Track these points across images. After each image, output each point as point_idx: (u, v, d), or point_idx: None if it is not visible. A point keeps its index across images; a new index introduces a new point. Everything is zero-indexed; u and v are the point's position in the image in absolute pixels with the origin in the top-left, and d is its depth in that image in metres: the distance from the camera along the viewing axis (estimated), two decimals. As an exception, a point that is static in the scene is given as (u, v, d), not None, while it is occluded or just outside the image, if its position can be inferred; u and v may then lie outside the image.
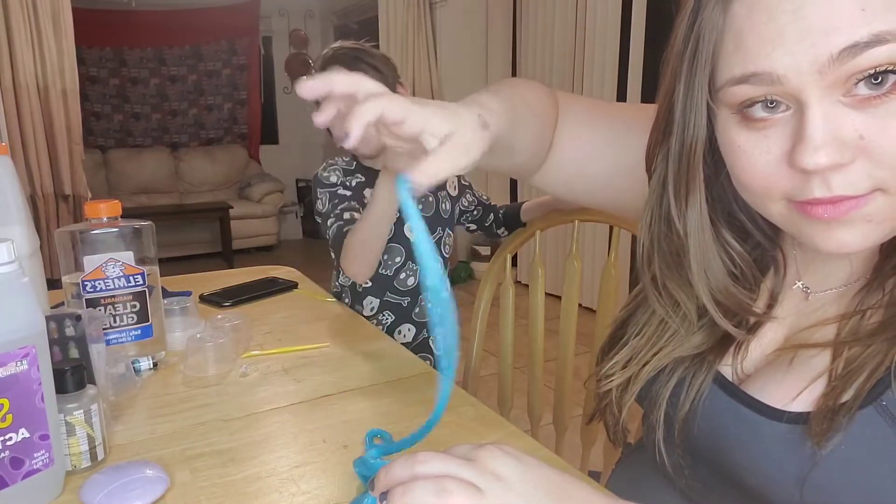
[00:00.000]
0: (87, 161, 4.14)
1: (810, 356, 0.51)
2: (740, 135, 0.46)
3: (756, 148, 0.45)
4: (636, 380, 0.59)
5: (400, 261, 1.35)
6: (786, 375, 0.51)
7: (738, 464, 0.52)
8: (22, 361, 0.53)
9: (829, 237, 0.45)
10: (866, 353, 0.47)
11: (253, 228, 5.49)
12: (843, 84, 0.40)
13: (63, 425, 0.60)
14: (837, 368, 0.48)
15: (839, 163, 0.41)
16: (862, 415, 0.46)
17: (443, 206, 1.41)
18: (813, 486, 0.47)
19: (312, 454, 0.66)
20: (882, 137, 0.40)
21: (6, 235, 0.56)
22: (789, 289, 0.57)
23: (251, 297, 1.27)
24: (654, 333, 0.59)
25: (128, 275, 0.88)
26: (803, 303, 0.56)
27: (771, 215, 0.48)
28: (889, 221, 0.44)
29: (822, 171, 0.42)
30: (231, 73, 6.11)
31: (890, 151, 0.40)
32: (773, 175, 0.45)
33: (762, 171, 0.45)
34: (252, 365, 0.91)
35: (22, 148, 3.44)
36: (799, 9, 0.40)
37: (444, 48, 4.25)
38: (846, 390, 0.46)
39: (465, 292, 3.82)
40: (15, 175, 0.88)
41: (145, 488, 0.57)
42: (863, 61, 0.39)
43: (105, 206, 0.87)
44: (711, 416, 0.55)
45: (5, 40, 3.29)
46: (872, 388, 0.46)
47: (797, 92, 0.41)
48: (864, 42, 0.38)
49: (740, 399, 0.53)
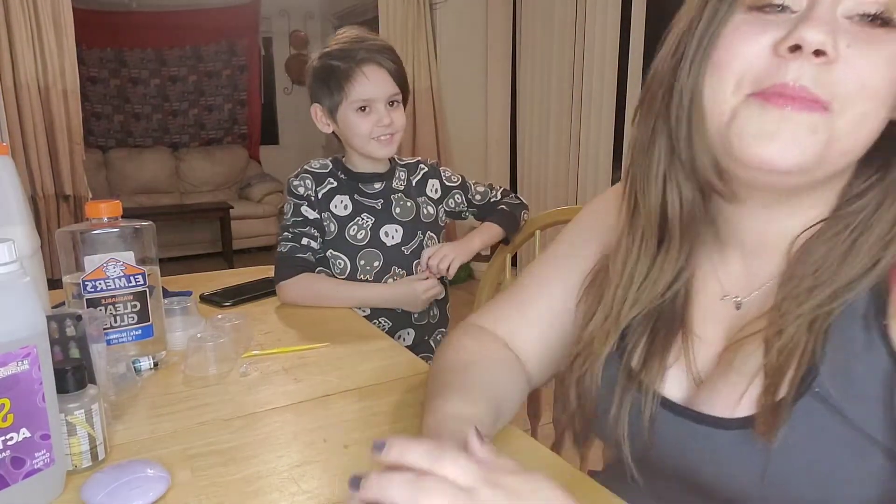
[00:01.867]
0: (88, 161, 4.14)
1: (747, 356, 0.53)
2: (744, 21, 0.50)
3: (752, 30, 0.49)
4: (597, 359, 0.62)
5: (379, 265, 1.32)
6: (727, 382, 0.54)
7: (705, 477, 0.54)
8: (23, 361, 0.54)
9: (771, 138, 0.48)
10: (792, 342, 0.49)
11: (253, 228, 5.49)
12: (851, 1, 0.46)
13: (64, 425, 0.60)
14: (772, 362, 0.50)
15: (827, 50, 0.46)
16: (801, 405, 0.48)
17: (424, 211, 1.37)
18: (773, 482, 0.49)
19: (313, 454, 0.66)
20: (862, 56, 0.46)
21: (7, 235, 0.56)
22: (719, 303, 0.59)
23: (251, 297, 1.27)
24: (625, 284, 0.62)
25: (128, 275, 0.89)
26: (735, 313, 0.58)
27: (722, 110, 0.50)
28: (827, 145, 0.48)
29: (803, 58, 0.46)
30: (231, 73, 6.11)
31: (862, 69, 0.46)
32: (755, 58, 0.49)
33: (748, 52, 0.49)
34: (252, 365, 0.92)
35: (23, 148, 3.44)
36: None
37: (444, 48, 4.25)
38: (782, 384, 0.49)
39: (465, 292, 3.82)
40: (16, 175, 0.88)
41: (146, 487, 0.58)
42: None
43: (105, 206, 0.87)
44: (668, 439, 0.57)
45: (6, 41, 3.29)
46: (804, 377, 0.48)
47: None
48: None
49: (690, 417, 0.55)
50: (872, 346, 0.47)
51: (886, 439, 0.46)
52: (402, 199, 1.36)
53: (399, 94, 1.30)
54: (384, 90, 1.27)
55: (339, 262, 1.30)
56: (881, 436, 0.46)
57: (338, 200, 1.32)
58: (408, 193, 1.37)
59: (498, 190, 1.46)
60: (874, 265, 0.48)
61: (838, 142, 0.48)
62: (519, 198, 1.45)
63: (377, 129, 1.26)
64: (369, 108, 1.26)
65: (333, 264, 1.31)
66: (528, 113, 3.99)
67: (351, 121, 1.27)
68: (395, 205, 1.35)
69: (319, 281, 1.27)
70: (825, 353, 0.49)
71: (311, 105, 1.34)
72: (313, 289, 1.24)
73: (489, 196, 1.45)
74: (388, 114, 1.27)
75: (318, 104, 1.32)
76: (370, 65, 1.25)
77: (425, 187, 1.39)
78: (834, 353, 0.48)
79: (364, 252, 1.31)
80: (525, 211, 1.43)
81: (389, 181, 1.36)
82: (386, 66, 1.27)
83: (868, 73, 0.46)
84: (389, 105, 1.28)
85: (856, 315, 0.49)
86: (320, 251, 1.30)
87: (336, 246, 1.30)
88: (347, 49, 1.27)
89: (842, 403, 0.47)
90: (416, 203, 1.37)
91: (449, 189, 1.42)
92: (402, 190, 1.37)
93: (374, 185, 1.34)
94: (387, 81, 1.27)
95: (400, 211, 1.35)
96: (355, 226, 1.31)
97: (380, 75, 1.26)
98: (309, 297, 1.23)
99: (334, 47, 1.28)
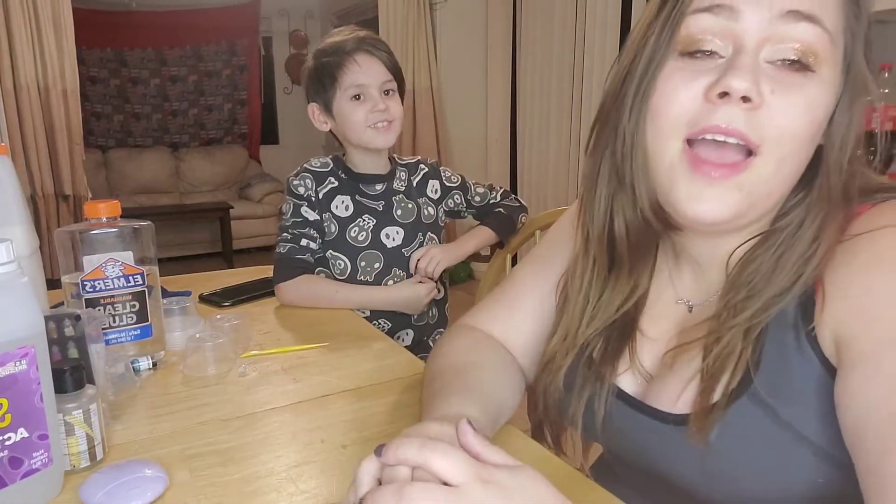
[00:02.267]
0: (88, 161, 4.14)
1: (688, 359, 0.57)
2: (676, 67, 0.53)
3: (684, 78, 0.53)
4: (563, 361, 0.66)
5: (379, 266, 1.32)
6: (670, 380, 0.58)
7: (660, 469, 0.59)
8: (21, 361, 0.54)
9: (700, 200, 0.52)
10: (728, 348, 0.53)
11: (253, 228, 5.49)
12: (774, 45, 0.50)
13: (62, 425, 0.60)
14: (708, 366, 0.54)
15: (753, 97, 0.49)
16: (736, 406, 0.52)
17: (424, 212, 1.37)
18: (713, 476, 0.54)
19: (311, 454, 0.66)
20: (784, 101, 0.50)
21: (6, 235, 0.56)
22: (673, 306, 0.64)
23: (251, 297, 1.27)
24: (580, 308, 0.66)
25: (127, 275, 0.88)
26: (687, 315, 0.63)
27: (663, 159, 0.54)
28: (753, 196, 0.52)
29: (731, 103, 0.50)
30: (231, 73, 6.11)
31: (784, 113, 0.50)
32: (688, 103, 0.52)
33: (681, 98, 0.52)
34: (251, 365, 0.92)
35: (22, 148, 3.44)
36: None
37: (444, 48, 4.25)
38: (716, 388, 0.53)
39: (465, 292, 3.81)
40: (15, 175, 0.88)
41: (144, 488, 0.57)
42: (798, 30, 0.49)
43: (104, 206, 0.87)
44: (624, 430, 0.62)
45: (6, 41, 3.29)
46: (741, 381, 0.52)
47: (744, 32, 0.51)
48: (804, 13, 0.49)
49: (639, 408, 0.60)
50: (804, 351, 0.51)
51: (818, 437, 0.50)
52: (404, 201, 1.36)
53: (393, 81, 1.29)
54: (376, 77, 1.26)
55: (340, 263, 1.30)
56: (812, 434, 0.50)
57: (339, 201, 1.31)
58: (408, 194, 1.37)
59: (498, 192, 1.46)
60: (797, 279, 0.52)
61: (764, 185, 0.52)
62: (518, 200, 1.45)
63: (372, 115, 1.25)
64: (363, 95, 1.26)
65: (333, 265, 1.31)
66: (528, 113, 3.99)
67: (346, 111, 1.27)
68: (397, 206, 1.34)
69: (318, 283, 1.27)
70: (761, 359, 0.52)
71: (307, 105, 1.34)
72: (312, 290, 1.24)
73: (488, 197, 1.45)
74: (382, 100, 1.26)
75: (314, 103, 1.32)
76: (360, 53, 1.26)
77: (426, 188, 1.39)
78: (769, 359, 0.52)
79: (365, 253, 1.31)
80: (523, 214, 1.43)
81: (390, 182, 1.35)
82: (377, 55, 1.27)
83: (791, 118, 0.50)
84: (385, 94, 1.28)
85: (787, 324, 0.52)
86: (319, 251, 1.30)
87: (336, 247, 1.30)
88: (338, 43, 1.27)
89: (776, 404, 0.51)
90: (417, 204, 1.37)
91: (449, 189, 1.42)
92: (402, 191, 1.36)
93: (375, 187, 1.34)
94: (379, 68, 1.27)
95: (401, 213, 1.34)
96: (356, 227, 1.31)
97: (371, 62, 1.26)
98: (308, 298, 1.23)
99: (325, 45, 1.29)
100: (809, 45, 0.49)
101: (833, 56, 0.51)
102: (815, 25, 0.49)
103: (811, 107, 0.50)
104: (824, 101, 0.51)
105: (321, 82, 1.28)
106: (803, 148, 0.51)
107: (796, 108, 0.50)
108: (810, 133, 0.51)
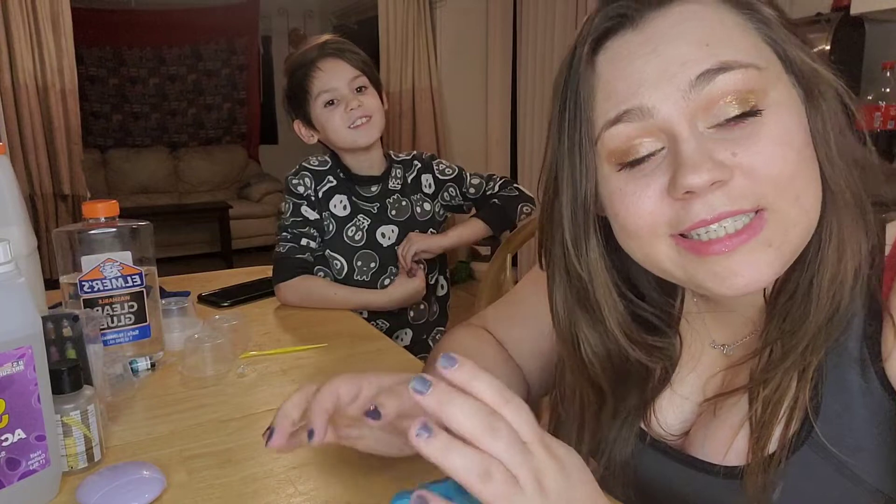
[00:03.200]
0: (87, 161, 4.13)
1: (731, 404, 0.52)
2: (622, 182, 0.48)
3: (637, 187, 0.47)
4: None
5: (375, 266, 1.32)
6: (715, 428, 0.53)
7: None
8: (18, 362, 0.53)
9: (730, 273, 0.45)
10: (778, 392, 0.47)
11: (252, 228, 5.49)
12: (707, 112, 0.44)
13: (60, 426, 0.60)
14: (757, 413, 0.48)
15: (719, 179, 0.43)
16: (796, 458, 0.46)
17: (418, 209, 1.37)
18: None
19: (309, 455, 0.66)
20: (753, 153, 0.44)
21: (3, 236, 0.56)
22: (707, 348, 0.58)
23: (250, 298, 1.27)
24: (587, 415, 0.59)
25: (125, 275, 0.88)
26: (721, 357, 0.57)
27: (661, 262, 0.48)
28: (787, 245, 0.45)
29: (703, 193, 0.44)
30: (230, 72, 6.11)
31: (762, 163, 0.44)
32: (655, 209, 0.46)
33: (645, 207, 0.47)
34: (250, 365, 0.91)
35: (21, 148, 3.43)
36: (654, 49, 0.45)
37: (444, 48, 4.25)
38: (771, 437, 0.47)
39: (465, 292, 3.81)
40: (13, 175, 0.88)
41: (142, 489, 0.57)
42: (718, 85, 0.44)
43: (103, 206, 0.87)
44: (659, 480, 0.56)
45: (4, 40, 3.28)
46: (799, 429, 0.47)
47: (667, 122, 0.45)
48: (714, 69, 0.44)
49: (679, 459, 0.54)
50: (872, 391, 0.45)
51: (886, 487, 0.45)
52: (398, 200, 1.35)
53: (362, 77, 1.28)
54: (343, 76, 1.26)
55: (336, 263, 1.30)
56: (885, 486, 0.45)
57: (337, 200, 1.31)
58: (403, 192, 1.37)
59: (497, 182, 1.41)
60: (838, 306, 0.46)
61: (793, 228, 0.45)
62: (519, 188, 1.39)
63: (347, 115, 1.25)
64: (335, 99, 1.26)
65: (331, 265, 1.31)
66: (529, 112, 3.98)
67: (322, 118, 1.27)
68: (391, 207, 1.34)
69: (318, 283, 1.26)
70: (820, 402, 0.47)
71: (292, 123, 1.35)
72: (312, 291, 1.24)
73: (484, 188, 1.40)
74: (355, 98, 1.26)
75: (297, 119, 1.33)
76: (323, 59, 1.26)
77: (420, 184, 1.39)
78: (829, 401, 0.47)
79: (361, 253, 1.31)
80: (525, 204, 1.37)
81: (385, 182, 1.35)
82: (340, 56, 1.27)
83: (770, 163, 0.44)
84: (357, 91, 1.27)
85: (850, 359, 0.47)
86: (320, 250, 1.30)
87: (334, 247, 1.30)
88: (301, 54, 1.29)
89: (841, 453, 0.45)
90: (411, 201, 1.37)
91: (443, 183, 1.40)
92: (398, 190, 1.36)
93: (370, 188, 1.34)
94: (344, 68, 1.27)
95: (395, 212, 1.34)
96: (353, 226, 1.31)
97: (335, 64, 1.26)
98: (307, 299, 1.23)
99: (292, 60, 1.30)
100: (739, 91, 0.44)
101: (772, 76, 0.45)
102: (732, 70, 0.44)
103: (783, 139, 0.44)
104: (792, 122, 0.45)
105: (296, 97, 1.30)
106: (804, 172, 0.45)
107: (767, 151, 0.44)
108: (801, 158, 0.45)
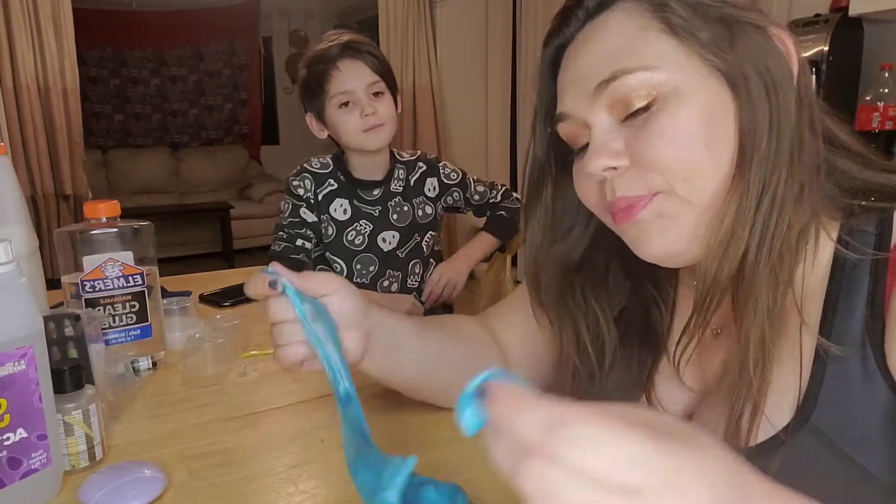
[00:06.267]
0: (88, 161, 4.13)
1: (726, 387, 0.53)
2: (577, 167, 0.57)
3: (580, 175, 0.56)
4: None
5: (374, 269, 1.33)
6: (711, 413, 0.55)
7: None
8: (20, 362, 0.54)
9: (642, 244, 0.52)
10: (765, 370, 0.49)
11: (254, 228, 5.48)
12: (613, 109, 0.51)
13: (61, 425, 0.60)
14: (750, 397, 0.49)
15: (612, 165, 0.50)
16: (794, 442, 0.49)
17: (419, 212, 1.37)
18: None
19: (310, 454, 0.66)
20: (643, 146, 0.49)
21: (5, 236, 0.56)
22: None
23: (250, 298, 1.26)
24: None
25: (127, 275, 0.88)
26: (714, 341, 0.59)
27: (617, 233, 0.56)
28: (683, 217, 0.50)
29: (612, 177, 0.51)
30: (231, 73, 6.11)
31: (650, 156, 0.49)
32: (592, 191, 0.55)
33: (589, 190, 0.55)
34: (251, 365, 0.91)
35: (22, 148, 3.43)
36: (571, 65, 0.55)
37: (444, 48, 4.25)
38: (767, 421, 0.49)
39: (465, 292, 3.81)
40: (14, 175, 0.88)
41: (143, 488, 0.57)
42: (614, 90, 0.50)
43: (104, 206, 0.87)
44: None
45: (6, 41, 3.29)
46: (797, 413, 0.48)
47: (582, 121, 0.53)
48: (606, 79, 0.50)
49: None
50: (872, 378, 0.46)
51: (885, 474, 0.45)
52: (400, 204, 1.35)
53: (380, 82, 1.28)
54: (361, 80, 1.25)
55: (336, 267, 1.31)
56: (880, 472, 0.46)
57: (337, 204, 1.31)
58: (405, 195, 1.37)
59: (499, 190, 1.45)
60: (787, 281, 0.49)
61: (688, 206, 0.49)
62: (520, 199, 1.43)
63: (361, 121, 1.25)
64: (351, 102, 1.25)
65: (331, 267, 1.31)
66: (529, 111, 3.98)
67: (335, 119, 1.27)
68: (392, 211, 1.34)
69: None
70: (822, 385, 0.48)
71: (305, 115, 1.34)
72: None
73: (488, 196, 1.44)
74: (370, 103, 1.25)
75: (309, 112, 1.33)
76: (344, 59, 1.25)
77: (423, 186, 1.39)
78: (828, 386, 0.48)
79: (360, 257, 1.31)
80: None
81: (388, 185, 1.35)
82: (361, 58, 1.26)
83: (656, 152, 0.49)
84: (373, 96, 1.27)
85: (852, 348, 0.47)
86: (318, 250, 1.30)
87: (333, 250, 1.31)
88: (323, 50, 1.27)
89: (839, 439, 0.46)
90: (413, 205, 1.37)
91: (447, 187, 1.42)
92: (400, 193, 1.36)
93: (372, 192, 1.34)
94: (363, 72, 1.26)
95: (397, 217, 1.34)
96: (353, 231, 1.31)
97: (355, 67, 1.25)
98: None
99: (312, 53, 1.29)
100: (631, 92, 0.49)
101: (674, 73, 0.49)
102: (626, 75, 0.49)
103: (673, 129, 0.48)
104: (690, 113, 0.48)
105: (312, 92, 1.29)
106: (702, 159, 0.48)
107: (655, 142, 0.48)
108: (700, 145, 0.48)
